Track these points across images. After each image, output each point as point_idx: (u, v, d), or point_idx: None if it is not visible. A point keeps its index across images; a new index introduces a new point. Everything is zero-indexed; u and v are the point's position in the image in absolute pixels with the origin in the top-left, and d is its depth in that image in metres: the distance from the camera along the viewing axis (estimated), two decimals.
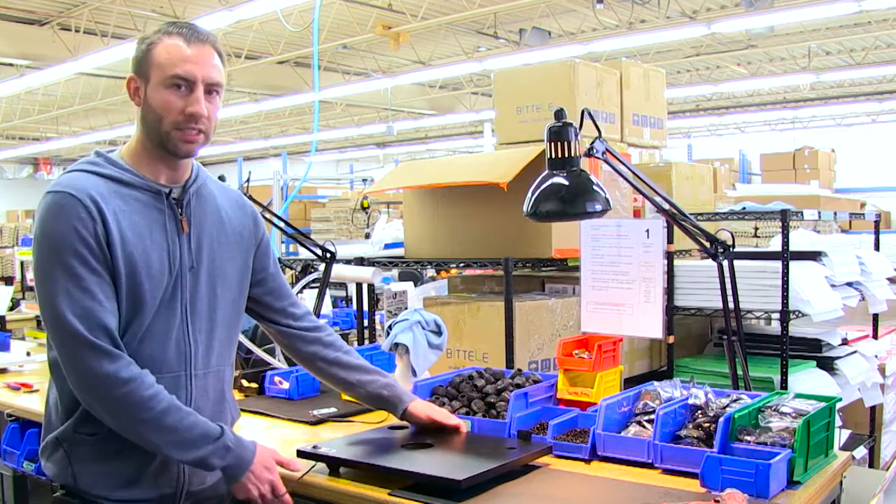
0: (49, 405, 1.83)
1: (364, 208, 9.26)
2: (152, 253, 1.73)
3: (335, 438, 2.15)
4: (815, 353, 3.51)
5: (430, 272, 7.67)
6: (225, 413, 1.92)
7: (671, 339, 3.41)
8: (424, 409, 2.14)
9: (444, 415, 2.16)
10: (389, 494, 1.81)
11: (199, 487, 1.86)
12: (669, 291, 3.36)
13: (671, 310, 3.38)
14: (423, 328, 2.61)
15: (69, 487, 1.77)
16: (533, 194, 2.13)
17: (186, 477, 1.83)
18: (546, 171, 2.12)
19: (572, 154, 2.09)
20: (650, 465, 1.96)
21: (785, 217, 3.16)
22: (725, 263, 2.35)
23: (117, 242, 1.68)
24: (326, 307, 5.45)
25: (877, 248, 4.11)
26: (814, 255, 3.46)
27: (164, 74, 1.72)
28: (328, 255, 3.36)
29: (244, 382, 2.91)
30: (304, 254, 3.65)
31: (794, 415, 1.93)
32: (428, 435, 2.10)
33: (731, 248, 2.35)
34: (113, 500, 1.75)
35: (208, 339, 1.85)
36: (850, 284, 3.55)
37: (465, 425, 2.16)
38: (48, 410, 1.84)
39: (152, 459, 1.77)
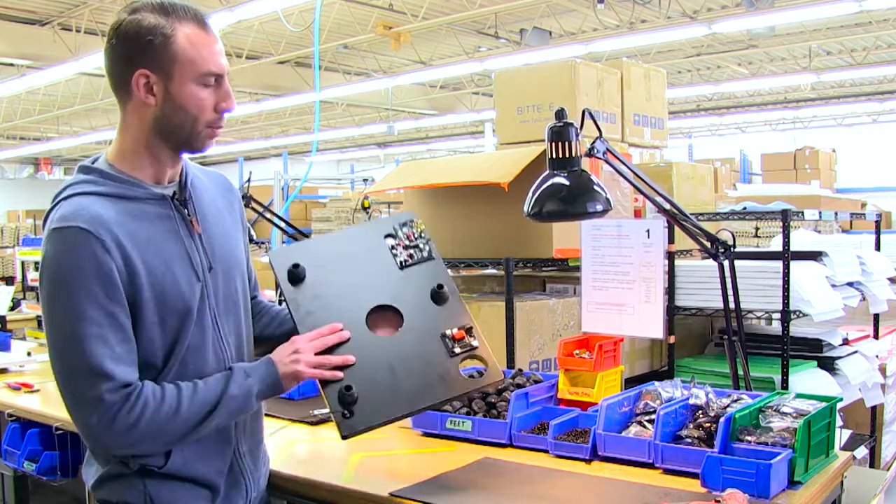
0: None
1: (365, 208, 9.24)
2: (176, 269, 1.63)
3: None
4: (816, 353, 3.51)
5: None
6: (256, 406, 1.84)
7: (672, 339, 3.41)
8: None
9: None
10: (390, 495, 1.82)
11: (256, 492, 1.82)
12: (670, 291, 3.36)
13: (672, 310, 3.38)
14: None
15: None
16: (534, 194, 2.13)
17: (251, 482, 1.78)
18: (547, 171, 2.12)
19: (573, 154, 2.08)
20: (651, 466, 1.96)
21: (786, 217, 3.16)
22: (726, 263, 2.35)
23: (142, 273, 1.57)
24: None
25: (877, 248, 4.11)
26: (814, 255, 3.45)
27: (198, 71, 1.59)
28: None
29: None
30: None
31: (794, 415, 1.93)
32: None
33: (731, 248, 2.35)
34: None
35: (237, 337, 1.77)
36: (850, 284, 3.54)
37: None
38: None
39: (223, 479, 1.71)
